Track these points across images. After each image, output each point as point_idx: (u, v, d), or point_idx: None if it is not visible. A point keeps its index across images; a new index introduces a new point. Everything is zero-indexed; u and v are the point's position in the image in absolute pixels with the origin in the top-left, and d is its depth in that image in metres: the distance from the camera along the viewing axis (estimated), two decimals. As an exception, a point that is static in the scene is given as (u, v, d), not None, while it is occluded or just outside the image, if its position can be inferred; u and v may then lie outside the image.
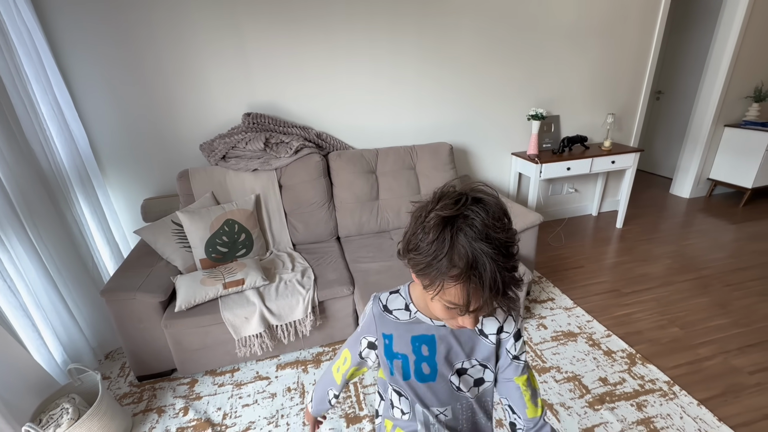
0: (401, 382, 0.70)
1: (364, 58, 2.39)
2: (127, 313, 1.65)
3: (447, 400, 0.70)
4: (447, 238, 0.50)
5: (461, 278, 0.50)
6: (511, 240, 0.51)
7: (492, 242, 0.49)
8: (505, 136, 2.88)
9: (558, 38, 2.68)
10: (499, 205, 0.53)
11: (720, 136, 3.47)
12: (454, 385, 0.68)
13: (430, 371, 0.68)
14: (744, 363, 1.73)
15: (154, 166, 2.30)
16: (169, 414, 1.61)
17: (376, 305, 0.72)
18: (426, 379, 0.68)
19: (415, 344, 0.68)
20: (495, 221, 0.50)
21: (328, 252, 2.14)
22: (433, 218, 0.51)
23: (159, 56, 2.08)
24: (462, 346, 0.67)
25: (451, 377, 0.68)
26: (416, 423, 0.72)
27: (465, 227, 0.49)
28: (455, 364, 0.68)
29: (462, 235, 0.49)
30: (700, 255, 2.67)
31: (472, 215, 0.50)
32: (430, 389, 0.69)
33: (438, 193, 0.55)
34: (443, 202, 0.52)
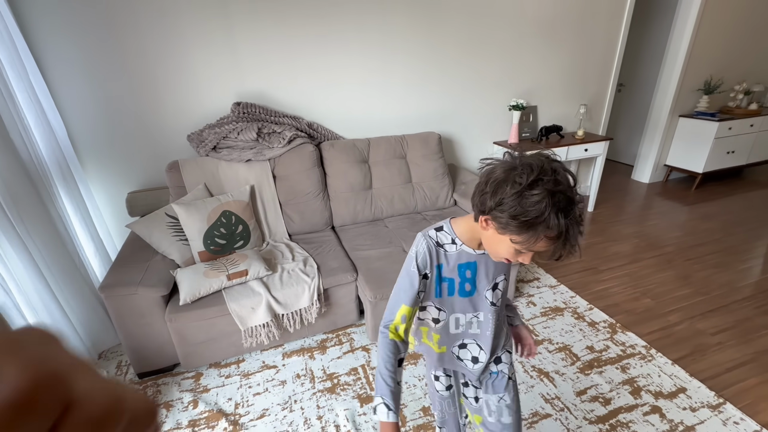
0: (445, 299, 0.86)
1: (354, 47, 2.40)
2: (128, 309, 1.60)
3: (481, 308, 0.88)
4: (550, 208, 0.63)
5: (553, 239, 0.66)
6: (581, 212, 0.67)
7: (575, 216, 0.65)
8: (488, 125, 3.00)
9: (536, 32, 2.81)
10: (573, 175, 0.68)
11: (675, 125, 3.80)
12: (487, 299, 0.87)
13: (470, 288, 0.85)
14: (706, 326, 1.96)
15: (138, 158, 2.20)
16: (178, 408, 1.60)
17: (430, 242, 0.82)
18: (467, 295, 0.86)
19: (461, 270, 0.84)
20: (575, 198, 0.66)
21: (325, 241, 2.17)
22: (540, 192, 0.63)
23: (141, 42, 1.98)
24: (495, 267, 0.85)
25: (486, 292, 0.86)
26: (449, 326, 0.89)
27: (562, 203, 0.64)
28: (491, 281, 0.86)
29: (558, 209, 0.63)
30: (662, 234, 2.94)
31: (567, 192, 0.65)
32: (469, 302, 0.87)
33: (531, 163, 0.66)
34: (547, 175, 0.64)
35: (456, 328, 0.90)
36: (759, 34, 3.74)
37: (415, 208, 2.48)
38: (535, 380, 1.67)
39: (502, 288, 0.88)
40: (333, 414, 1.54)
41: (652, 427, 1.45)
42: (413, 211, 2.48)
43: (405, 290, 0.81)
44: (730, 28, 3.53)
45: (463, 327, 0.90)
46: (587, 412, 1.52)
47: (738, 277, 2.36)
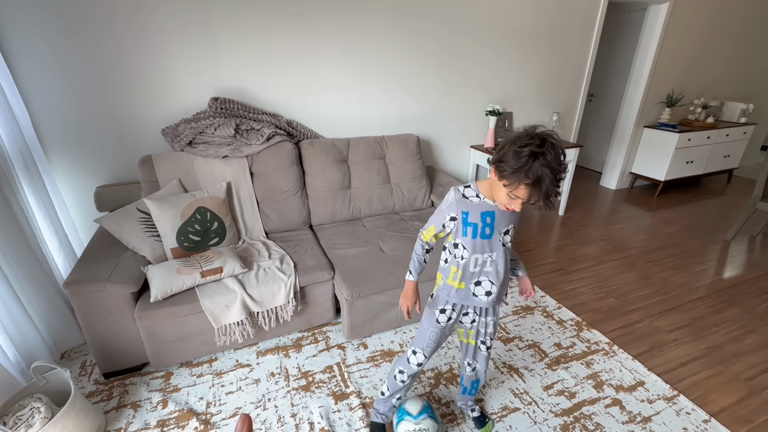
0: (470, 240, 1.11)
1: (335, 48, 2.41)
2: (95, 307, 1.55)
3: (496, 249, 1.12)
4: (531, 162, 0.88)
5: (530, 185, 0.90)
6: (562, 172, 0.91)
7: (552, 171, 0.89)
8: (465, 129, 3.07)
9: (512, 42, 2.92)
10: (562, 150, 0.91)
11: (640, 135, 4.01)
12: (501, 241, 1.12)
13: (490, 232, 1.10)
14: (664, 324, 2.08)
15: (109, 151, 2.13)
16: (146, 408, 1.55)
17: (458, 194, 1.11)
18: (486, 237, 1.11)
19: (483, 217, 1.09)
20: (557, 160, 0.89)
21: (302, 240, 2.16)
22: (526, 150, 0.88)
23: (115, 32, 1.92)
24: (508, 217, 1.10)
25: (501, 236, 1.11)
26: (469, 265, 1.14)
27: (542, 159, 0.88)
28: (505, 227, 1.11)
29: (539, 163, 0.88)
30: (627, 237, 3.10)
31: (547, 154, 0.88)
32: (488, 243, 1.11)
33: (532, 133, 0.91)
34: (536, 141, 0.89)
35: (474, 266, 1.14)
36: (716, 53, 4.01)
37: (393, 209, 2.51)
38: (506, 376, 1.72)
39: (511, 234, 1.13)
40: (307, 412, 1.54)
41: (613, 418, 1.53)
42: (391, 211, 2.51)
43: (435, 220, 1.17)
44: (690, 46, 3.77)
45: (480, 266, 1.14)
46: (553, 405, 1.58)
47: (693, 278, 2.52)
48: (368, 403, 1.58)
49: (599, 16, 3.15)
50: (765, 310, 2.21)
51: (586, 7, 3.07)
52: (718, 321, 2.11)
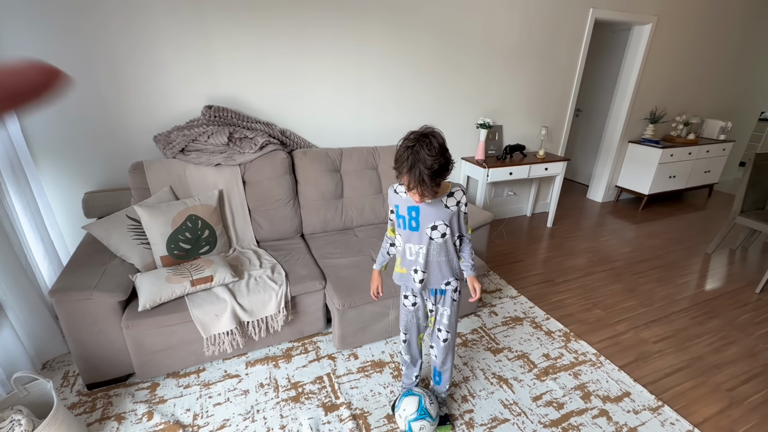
0: (402, 230, 1.29)
1: (329, 59, 2.44)
2: (81, 315, 1.52)
3: (423, 242, 1.27)
4: (407, 155, 1.06)
5: (407, 173, 1.07)
6: (433, 158, 1.04)
7: (422, 160, 1.04)
8: (457, 141, 3.12)
9: (503, 57, 3.00)
10: (437, 141, 1.06)
11: (625, 150, 4.13)
12: (427, 234, 1.25)
13: (416, 225, 1.25)
14: (649, 335, 2.13)
15: (98, 157, 2.10)
16: (130, 420, 1.52)
17: (391, 190, 1.29)
18: (413, 230, 1.26)
19: (409, 210, 1.25)
20: (428, 150, 1.04)
21: (294, 249, 2.16)
22: (402, 147, 1.08)
23: (109, 38, 1.92)
24: (434, 213, 1.23)
25: (425, 229, 1.25)
26: (405, 252, 1.32)
27: (414, 151, 1.05)
28: (431, 222, 1.24)
29: (412, 154, 1.05)
30: (613, 249, 3.17)
31: (418, 146, 1.05)
32: (416, 235, 1.27)
33: (415, 132, 1.09)
34: (412, 137, 1.07)
35: (410, 255, 1.31)
36: (697, 72, 4.18)
37: (385, 219, 2.53)
38: (495, 386, 1.74)
39: (441, 230, 1.24)
40: (297, 423, 1.52)
41: (600, 429, 1.55)
42: (383, 221, 2.53)
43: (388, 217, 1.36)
44: (672, 65, 3.92)
45: (414, 256, 1.30)
46: (542, 416, 1.60)
47: (677, 290, 2.58)
48: (358, 415, 1.57)
49: (586, 35, 3.26)
50: (745, 322, 2.27)
51: (573, 25, 3.18)
52: (700, 332, 2.17)
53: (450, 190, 1.23)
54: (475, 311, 2.25)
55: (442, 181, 1.10)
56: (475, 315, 2.23)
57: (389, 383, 1.73)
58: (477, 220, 2.28)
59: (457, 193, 1.24)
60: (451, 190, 1.23)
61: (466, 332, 2.09)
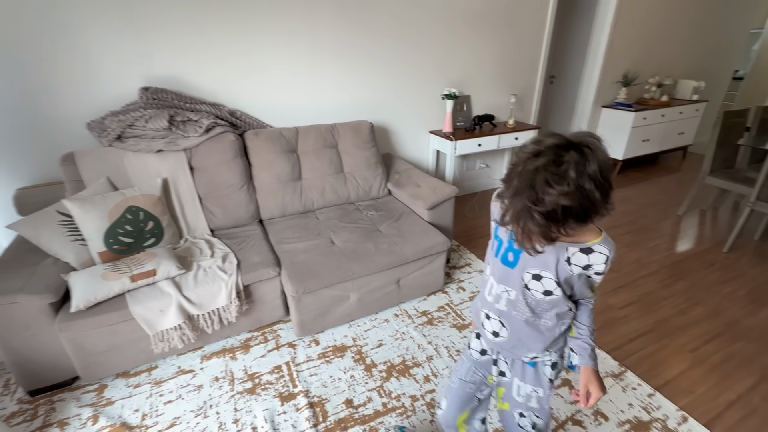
0: (491, 255, 0.89)
1: (279, 33, 2.27)
2: (7, 321, 1.41)
3: (515, 287, 0.84)
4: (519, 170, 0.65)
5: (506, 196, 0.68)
6: (567, 194, 0.61)
7: (538, 188, 0.62)
8: (423, 114, 3.00)
9: (465, 23, 2.84)
10: (592, 164, 0.62)
11: (599, 115, 4.06)
12: (524, 280, 0.82)
13: (513, 259, 0.82)
14: (616, 301, 2.11)
15: (27, 149, 1.94)
16: (74, 426, 1.44)
17: (495, 194, 0.86)
18: (508, 264, 0.84)
19: (512, 235, 0.77)
20: (561, 175, 0.61)
21: (250, 235, 2.06)
22: (523, 151, 0.67)
23: (17, 17, 1.73)
24: (544, 259, 0.77)
25: (524, 273, 0.81)
26: (485, 286, 0.92)
27: (534, 169, 0.63)
28: (537, 268, 0.79)
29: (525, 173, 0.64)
30: (585, 217, 3.14)
31: (545, 161, 0.63)
32: (507, 273, 0.84)
33: (550, 135, 0.65)
34: (544, 144, 0.64)
35: (489, 294, 0.90)
36: (669, 31, 4.08)
37: (348, 199, 2.43)
38: (459, 364, 1.70)
39: (547, 286, 0.79)
40: (251, 416, 1.47)
41: (561, 399, 1.53)
42: (346, 201, 2.43)
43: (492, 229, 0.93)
44: (643, 24, 3.81)
45: (493, 298, 0.89)
46: (504, 390, 1.57)
47: (646, 254, 2.57)
48: (316, 402, 1.52)
49: (553, -5, 3.12)
50: (711, 282, 2.28)
51: (539, -15, 3.03)
52: (666, 295, 2.16)
53: (590, 243, 0.74)
54: (441, 288, 2.20)
55: (572, 229, 0.64)
56: (441, 292, 2.18)
57: (350, 367, 1.68)
58: (441, 195, 2.20)
59: (596, 255, 0.74)
60: (590, 244, 0.74)
61: (432, 310, 2.04)
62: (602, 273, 0.76)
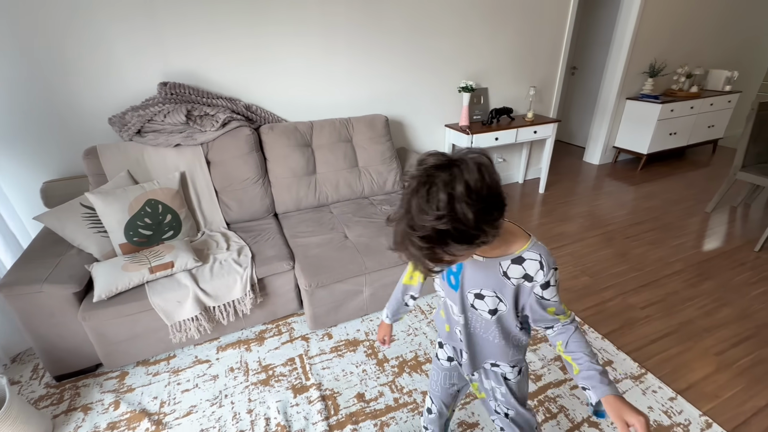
0: (439, 279, 0.87)
1: (292, 25, 2.26)
2: (34, 309, 1.47)
3: (464, 308, 0.84)
4: (404, 194, 0.61)
5: (394, 222, 0.63)
6: (440, 217, 0.55)
7: (413, 213, 0.58)
8: (438, 108, 2.96)
9: (483, 14, 2.77)
10: (463, 180, 0.56)
11: (623, 108, 3.90)
12: (469, 300, 0.81)
13: (455, 282, 0.82)
14: (637, 301, 2.04)
15: (53, 144, 2.01)
16: (96, 410, 1.50)
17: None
18: (453, 287, 0.83)
19: None
20: (433, 197, 0.56)
21: (265, 229, 2.08)
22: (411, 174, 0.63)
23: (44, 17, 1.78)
24: (484, 277, 0.77)
25: (467, 293, 0.81)
26: (447, 308, 0.91)
27: (412, 193, 0.59)
28: (477, 288, 0.79)
29: (406, 198, 0.60)
30: (606, 213, 3.04)
31: (419, 186, 0.58)
32: (456, 296, 0.83)
33: (431, 154, 0.60)
34: (424, 166, 0.59)
35: (453, 314, 0.89)
36: (700, 18, 3.87)
37: (362, 193, 2.43)
38: (472, 361, 1.68)
39: (490, 304, 0.78)
40: (264, 407, 1.49)
41: (578, 400, 1.50)
42: (360, 195, 2.43)
43: None
44: (673, 11, 3.63)
45: (457, 317, 0.87)
46: (518, 389, 1.55)
47: (670, 252, 2.47)
48: (327, 395, 1.53)
49: (576, -17, 3.00)
50: (740, 282, 2.17)
51: (561, -28, 2.92)
52: (691, 295, 2.07)
53: (519, 252, 0.71)
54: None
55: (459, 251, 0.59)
56: (456, 288, 2.16)
57: (362, 362, 1.69)
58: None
59: (528, 263, 0.71)
60: (519, 253, 0.71)
61: (446, 306, 2.02)
62: (551, 285, 0.72)
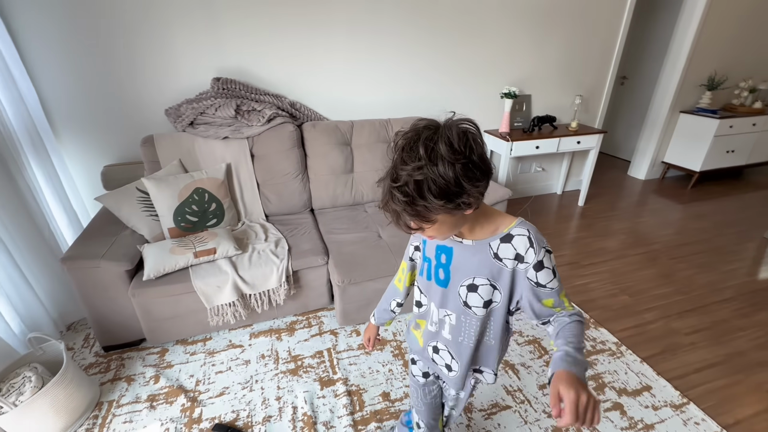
0: (425, 281, 0.84)
1: (341, 27, 2.32)
2: (91, 282, 1.59)
3: (452, 307, 0.80)
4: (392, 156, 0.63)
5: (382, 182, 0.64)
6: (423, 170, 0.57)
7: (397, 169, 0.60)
8: (478, 112, 2.92)
9: (532, 18, 2.71)
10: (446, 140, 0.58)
11: (675, 121, 3.69)
12: (461, 298, 0.76)
13: (444, 277, 0.78)
14: (681, 326, 1.93)
15: (115, 131, 2.16)
16: (139, 382, 1.60)
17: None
18: (440, 284, 0.79)
19: (438, 251, 0.78)
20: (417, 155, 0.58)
21: (301, 223, 2.14)
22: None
23: (118, 12, 1.92)
24: (476, 263, 0.73)
25: (460, 289, 0.76)
26: (429, 314, 0.85)
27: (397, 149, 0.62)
28: (469, 277, 0.74)
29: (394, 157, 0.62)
30: (651, 231, 2.89)
31: (404, 143, 0.61)
32: (443, 293, 0.79)
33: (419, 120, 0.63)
34: (409, 129, 0.62)
35: (431, 324, 0.86)
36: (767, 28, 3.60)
37: (397, 194, 2.44)
38: (500, 372, 1.65)
39: (483, 294, 0.74)
40: (292, 395, 1.54)
41: (611, 423, 1.44)
42: (395, 197, 2.44)
43: (405, 255, 0.93)
44: (738, 21, 3.39)
45: (436, 325, 0.84)
46: (547, 405, 1.50)
47: (721, 278, 2.31)
48: (353, 391, 1.55)
49: (633, -11, 2.87)
50: (801, 316, 2.00)
51: (618, -22, 2.81)
52: (743, 325, 1.93)
53: (507, 230, 0.70)
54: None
55: (440, 211, 0.59)
56: (487, 296, 2.13)
57: (388, 361, 1.70)
58: (493, 197, 2.14)
59: (517, 239, 0.69)
60: (507, 230, 0.70)
61: (476, 314, 2.00)
62: (546, 266, 0.68)
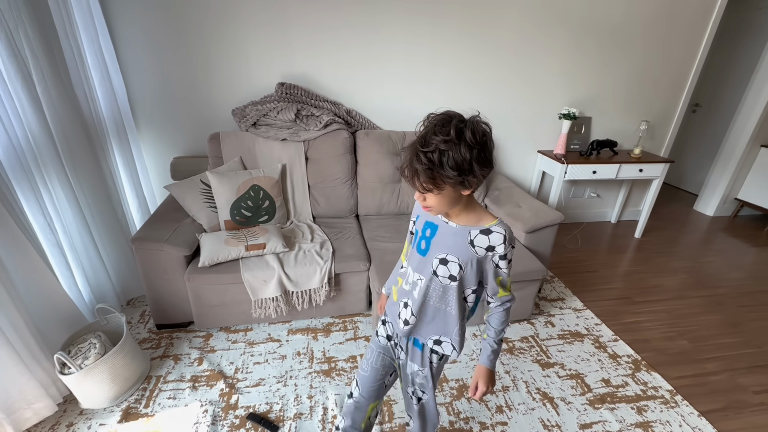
0: (411, 248, 0.98)
1: (401, 39, 2.37)
2: (153, 263, 1.72)
3: (425, 272, 0.92)
4: (422, 130, 0.78)
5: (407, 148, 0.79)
6: (450, 144, 0.72)
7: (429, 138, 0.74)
8: (534, 132, 2.84)
9: (599, 35, 2.61)
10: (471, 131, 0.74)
11: (755, 155, 3.37)
12: (432, 266, 0.90)
13: (425, 247, 0.92)
14: (750, 382, 1.73)
15: (186, 126, 2.34)
16: (184, 362, 1.70)
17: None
18: (421, 252, 0.93)
19: (425, 226, 0.93)
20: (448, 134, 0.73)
21: (346, 228, 2.18)
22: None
23: (201, 18, 2.10)
24: (452, 243, 0.88)
25: (433, 259, 0.90)
26: (407, 275, 0.98)
27: (431, 124, 0.77)
28: (443, 252, 0.89)
29: (425, 129, 0.77)
30: (718, 273, 2.64)
31: (438, 124, 0.76)
32: (420, 261, 0.93)
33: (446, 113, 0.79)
34: (440, 116, 0.78)
35: (406, 283, 0.98)
36: None
37: (443, 208, 2.42)
38: (537, 403, 1.57)
39: (452, 270, 0.88)
40: (324, 396, 1.56)
41: None
42: (440, 210, 2.42)
43: (408, 230, 1.04)
44: (840, 51, 3.06)
45: (410, 286, 0.97)
46: (588, 447, 1.41)
47: (802, 334, 2.06)
48: (384, 401, 1.55)
49: (716, 12, 2.69)
50: None
51: (697, 0, 2.63)
52: (828, 392, 1.70)
53: (488, 225, 0.84)
54: (528, 318, 2.06)
55: (450, 182, 0.74)
56: (528, 322, 2.04)
57: (421, 376, 1.67)
58: (543, 220, 2.06)
59: (495, 235, 0.83)
60: (488, 226, 0.84)
61: (515, 339, 1.92)
62: (505, 258, 0.86)
